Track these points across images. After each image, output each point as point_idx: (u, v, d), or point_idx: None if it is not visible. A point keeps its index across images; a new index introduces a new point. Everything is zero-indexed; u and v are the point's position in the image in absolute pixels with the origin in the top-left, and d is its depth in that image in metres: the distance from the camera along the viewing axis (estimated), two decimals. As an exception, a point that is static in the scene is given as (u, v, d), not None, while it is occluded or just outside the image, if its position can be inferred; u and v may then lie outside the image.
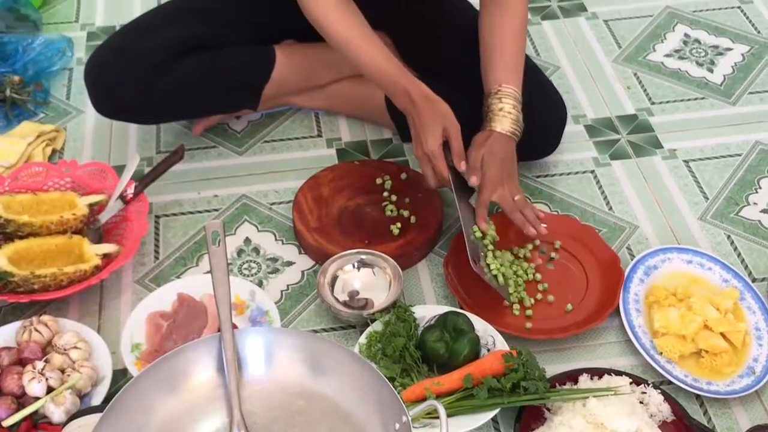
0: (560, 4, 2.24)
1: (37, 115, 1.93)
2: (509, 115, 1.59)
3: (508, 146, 1.59)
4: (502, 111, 1.59)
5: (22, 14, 2.05)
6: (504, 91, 1.60)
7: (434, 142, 1.53)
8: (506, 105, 1.59)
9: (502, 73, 1.61)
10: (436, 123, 1.54)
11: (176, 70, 1.69)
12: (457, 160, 1.55)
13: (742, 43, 2.12)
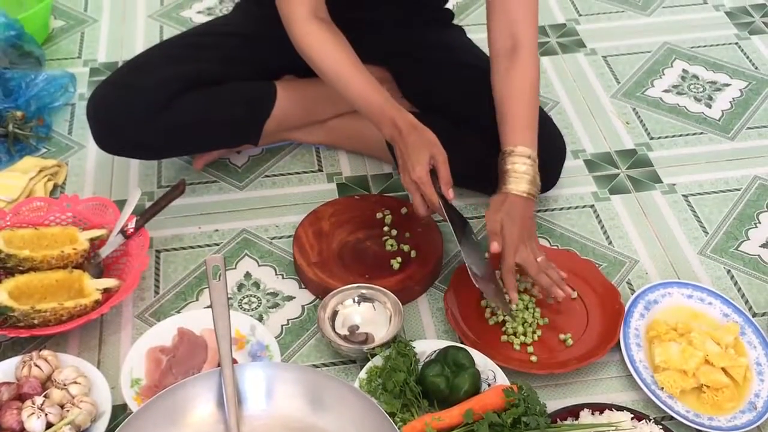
0: (559, 40, 2.26)
1: (39, 150, 1.94)
2: (525, 176, 1.58)
3: (527, 207, 1.58)
4: (516, 172, 1.58)
5: (26, 50, 2.07)
6: (518, 151, 1.59)
7: (421, 168, 1.53)
8: (521, 166, 1.58)
9: (515, 133, 1.61)
10: (422, 150, 1.54)
11: (177, 107, 1.70)
12: (445, 188, 1.56)
13: (739, 79, 2.13)
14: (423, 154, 1.54)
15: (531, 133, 1.62)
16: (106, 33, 2.29)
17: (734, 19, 2.31)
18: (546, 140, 1.73)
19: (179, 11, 2.36)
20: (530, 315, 1.58)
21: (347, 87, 1.62)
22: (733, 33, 2.27)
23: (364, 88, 1.61)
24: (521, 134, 1.61)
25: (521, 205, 1.57)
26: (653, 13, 2.34)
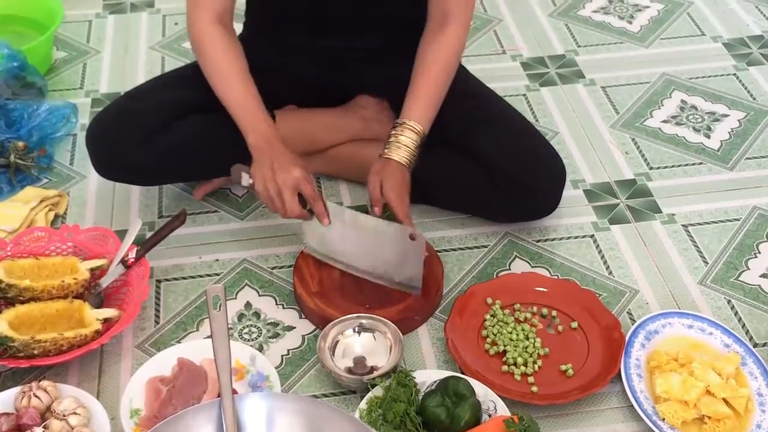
0: (558, 71, 2.27)
1: (41, 180, 1.95)
2: (407, 147, 1.65)
3: (405, 173, 1.65)
4: (400, 143, 1.66)
5: (28, 81, 2.08)
6: (408, 124, 1.66)
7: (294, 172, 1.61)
8: (406, 138, 1.65)
9: (411, 106, 1.68)
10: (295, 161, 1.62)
11: (175, 130, 1.72)
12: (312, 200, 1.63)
13: (738, 110, 2.15)
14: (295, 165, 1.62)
15: (428, 109, 1.69)
16: (108, 64, 2.30)
17: (732, 50, 2.33)
18: (545, 165, 1.74)
19: (181, 43, 2.38)
20: (531, 345, 1.58)
21: (230, 93, 1.67)
22: (731, 64, 2.28)
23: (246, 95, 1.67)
24: (417, 109, 1.68)
25: (400, 170, 1.64)
26: (651, 45, 2.36)
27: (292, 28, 1.78)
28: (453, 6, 1.68)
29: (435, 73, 1.69)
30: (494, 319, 1.62)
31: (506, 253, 1.79)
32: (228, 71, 1.68)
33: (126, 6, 2.51)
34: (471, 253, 1.79)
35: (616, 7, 2.50)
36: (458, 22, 1.69)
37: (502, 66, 2.29)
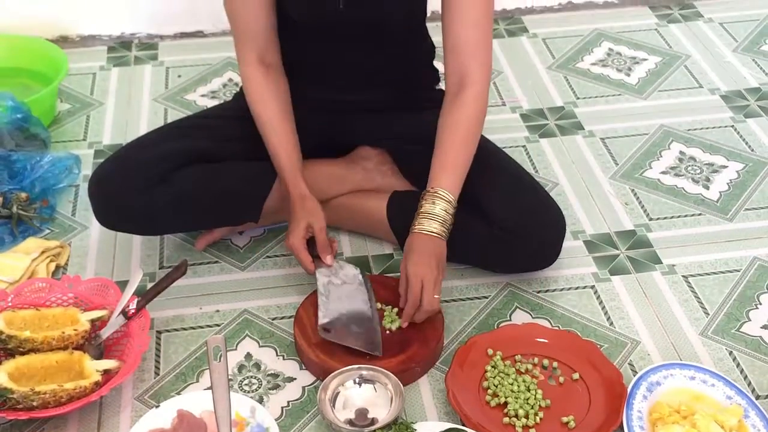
0: (557, 123, 2.29)
1: (43, 231, 1.96)
2: (437, 217, 1.64)
3: (436, 244, 1.64)
4: (429, 213, 1.64)
5: (32, 133, 2.10)
6: (437, 192, 1.65)
7: (293, 237, 1.69)
8: (434, 207, 1.64)
9: (440, 174, 1.67)
10: (300, 221, 1.69)
11: (176, 180, 1.73)
12: (322, 254, 1.70)
13: (736, 161, 2.16)
14: (300, 224, 1.69)
15: (455, 175, 1.67)
16: (111, 116, 2.32)
17: (729, 102, 2.35)
18: (545, 216, 1.75)
19: (183, 94, 2.40)
20: (532, 397, 1.57)
21: (267, 139, 1.75)
22: (728, 116, 2.30)
23: (278, 147, 1.74)
24: (445, 176, 1.67)
25: (430, 243, 1.63)
26: (649, 97, 2.38)
27: (294, 80, 1.80)
28: (470, 69, 1.68)
29: (459, 139, 1.68)
30: (495, 370, 1.61)
31: (507, 303, 1.79)
32: (271, 123, 1.75)
33: (130, 59, 2.54)
34: (472, 304, 1.79)
35: (614, 59, 2.52)
36: (477, 85, 1.69)
37: (502, 118, 2.31)
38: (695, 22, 2.67)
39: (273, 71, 1.77)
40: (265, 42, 1.74)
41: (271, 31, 1.74)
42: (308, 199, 1.72)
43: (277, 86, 1.77)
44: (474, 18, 1.67)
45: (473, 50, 1.68)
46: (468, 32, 1.67)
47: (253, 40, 1.74)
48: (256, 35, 1.73)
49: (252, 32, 1.73)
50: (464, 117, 1.68)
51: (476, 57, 1.68)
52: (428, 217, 1.64)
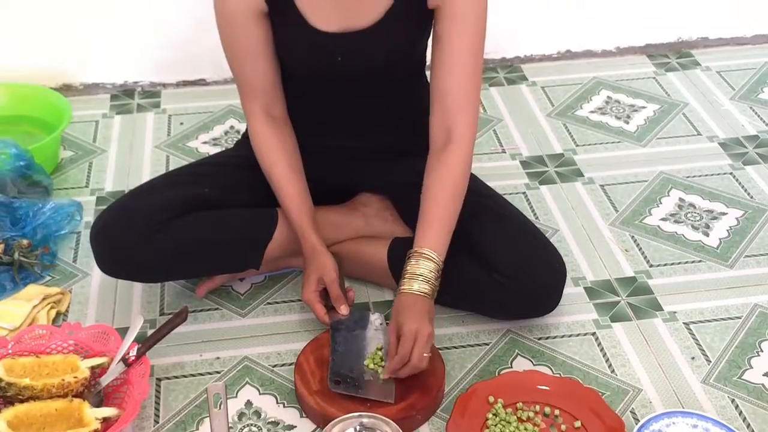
0: (557, 170, 2.30)
1: (44, 277, 1.96)
2: (420, 277, 1.63)
3: (420, 301, 1.63)
4: (413, 274, 1.64)
5: (35, 180, 2.11)
6: (421, 252, 1.64)
7: (306, 290, 1.72)
8: (418, 268, 1.64)
9: (423, 233, 1.66)
10: (312, 274, 1.72)
11: (177, 227, 1.73)
12: (337, 305, 1.72)
13: (735, 208, 2.17)
14: (312, 277, 1.72)
15: (441, 233, 1.67)
16: (113, 163, 2.34)
17: (728, 149, 2.36)
18: (546, 263, 1.75)
19: (185, 141, 2.42)
20: (533, 444, 1.56)
21: (278, 193, 1.77)
22: (727, 163, 2.32)
23: (289, 201, 1.76)
24: (429, 235, 1.66)
25: (414, 300, 1.63)
26: (648, 144, 2.40)
27: (294, 127, 1.81)
28: (457, 124, 1.68)
29: (444, 198, 1.68)
30: (497, 418, 1.60)
31: (508, 350, 1.79)
32: (280, 177, 1.77)
33: (133, 106, 2.56)
34: (472, 351, 1.78)
35: (612, 107, 2.55)
36: (463, 141, 1.69)
37: (502, 165, 2.32)
38: (693, 70, 2.70)
39: (280, 124, 1.78)
40: (271, 95, 1.76)
41: (276, 85, 1.76)
42: (319, 252, 1.73)
43: (285, 140, 1.78)
44: (463, 67, 1.67)
45: (461, 103, 1.68)
46: (456, 81, 1.67)
47: (260, 95, 1.75)
48: (262, 89, 1.75)
49: (258, 87, 1.75)
50: (450, 176, 1.68)
51: (464, 111, 1.68)
52: (415, 277, 1.63)
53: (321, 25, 1.66)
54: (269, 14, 1.68)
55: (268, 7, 1.66)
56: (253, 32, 1.69)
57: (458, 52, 1.66)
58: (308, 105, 1.80)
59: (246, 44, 1.70)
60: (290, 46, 1.70)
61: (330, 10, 1.65)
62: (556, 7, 2.66)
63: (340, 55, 1.68)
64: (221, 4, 1.69)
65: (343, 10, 1.65)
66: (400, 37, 1.70)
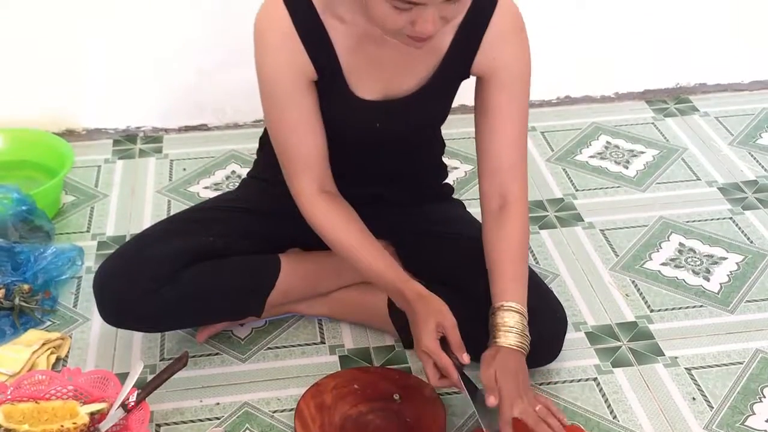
0: (557, 215, 2.31)
1: (44, 322, 1.96)
2: (513, 329, 1.61)
3: (518, 359, 1.60)
4: (506, 326, 1.61)
5: (36, 225, 2.11)
6: (507, 306, 1.63)
7: (428, 339, 1.56)
8: (509, 320, 1.62)
9: (503, 289, 1.65)
10: (429, 320, 1.57)
11: (181, 280, 1.73)
12: (459, 353, 1.57)
13: (736, 253, 2.17)
14: (429, 324, 1.57)
15: (519, 287, 1.65)
16: (115, 208, 2.34)
17: (727, 194, 2.37)
18: (547, 311, 1.75)
19: (187, 186, 2.43)
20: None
21: (357, 260, 1.68)
22: (726, 208, 2.32)
23: (373, 261, 1.66)
24: (510, 289, 1.64)
25: (513, 357, 1.59)
26: (648, 189, 2.41)
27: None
28: (509, 187, 1.69)
29: (514, 253, 1.67)
30: (498, 464, 1.59)
31: (509, 396, 1.78)
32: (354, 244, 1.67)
33: (135, 152, 2.57)
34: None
35: (612, 152, 2.56)
36: (519, 201, 1.70)
37: (502, 209, 2.32)
38: (691, 116, 2.72)
39: (335, 198, 1.70)
40: (323, 169, 1.68)
41: (326, 157, 1.68)
42: (429, 296, 1.62)
43: (346, 212, 1.70)
44: (511, 138, 1.68)
45: (512, 169, 1.69)
46: (507, 153, 1.68)
47: (311, 169, 1.66)
48: (313, 163, 1.66)
49: (309, 161, 1.65)
50: (514, 232, 1.68)
51: (516, 176, 1.70)
52: (511, 329, 1.60)
53: (363, 93, 1.65)
54: (317, 82, 1.63)
55: (318, 74, 1.61)
56: (304, 102, 1.61)
57: (507, 121, 1.67)
58: None
59: (297, 113, 1.62)
60: (332, 114, 1.66)
61: (374, 79, 1.64)
62: (555, 53, 2.68)
63: (379, 121, 1.67)
64: (266, 70, 1.60)
65: (385, 80, 1.64)
66: (439, 105, 1.71)
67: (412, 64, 1.64)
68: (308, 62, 1.59)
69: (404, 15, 1.40)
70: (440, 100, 1.72)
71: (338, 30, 1.59)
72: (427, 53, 1.62)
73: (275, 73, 1.60)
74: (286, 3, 1.57)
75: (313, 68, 1.60)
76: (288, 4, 1.57)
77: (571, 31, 2.67)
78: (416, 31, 1.42)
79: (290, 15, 1.56)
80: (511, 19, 1.64)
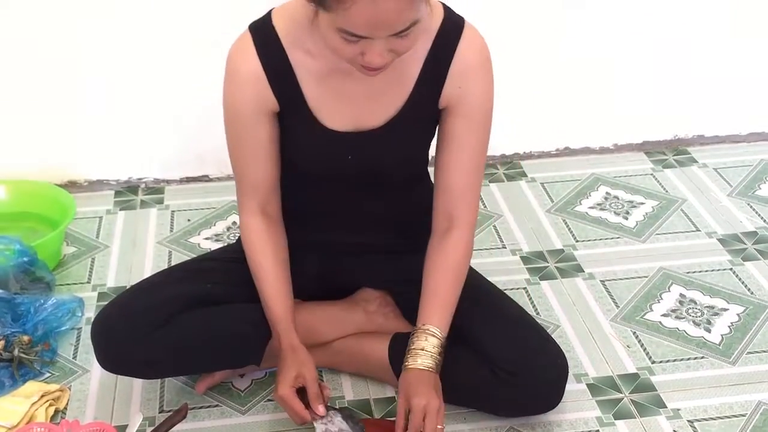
0: (557, 265, 2.31)
1: (43, 374, 1.95)
2: (426, 353, 1.66)
3: (428, 378, 1.64)
4: (420, 349, 1.66)
5: (37, 276, 2.12)
6: (428, 329, 1.67)
7: (283, 386, 1.66)
8: (426, 344, 1.66)
9: (427, 312, 1.70)
10: (290, 370, 1.68)
11: (178, 324, 1.73)
12: (314, 404, 1.66)
13: (736, 304, 2.17)
14: (289, 373, 1.67)
15: (443, 312, 1.70)
16: (116, 259, 2.35)
17: (727, 245, 2.38)
18: (548, 360, 1.74)
19: (188, 237, 2.43)
20: None
21: (260, 288, 1.77)
22: (726, 259, 2.32)
23: (272, 295, 1.75)
24: (433, 313, 1.69)
25: (426, 375, 1.64)
26: (648, 240, 2.41)
27: (296, 223, 1.83)
28: (457, 210, 1.72)
29: (446, 278, 1.71)
30: None
31: (510, 449, 1.77)
32: (264, 274, 1.76)
33: (136, 203, 2.58)
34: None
35: (611, 203, 2.57)
36: (463, 225, 1.73)
37: (503, 260, 2.33)
38: (690, 167, 2.74)
39: (273, 222, 1.79)
40: (269, 194, 1.77)
41: (275, 184, 1.77)
42: (300, 349, 1.72)
43: (276, 238, 1.79)
44: (467, 166, 1.71)
45: (462, 193, 1.73)
46: (460, 176, 1.72)
47: (257, 192, 1.76)
48: (260, 187, 1.75)
49: (258, 185, 1.75)
50: (452, 259, 1.72)
51: (464, 199, 1.73)
52: (419, 353, 1.66)
53: (333, 125, 1.68)
54: (279, 113, 1.70)
55: (280, 106, 1.68)
56: (261, 131, 1.69)
57: (465, 149, 1.70)
58: (310, 201, 1.82)
59: (252, 142, 1.70)
60: (301, 146, 1.72)
61: (342, 110, 1.67)
62: (555, 104, 2.71)
63: (351, 154, 1.70)
64: (231, 100, 1.69)
65: (355, 110, 1.67)
66: (412, 137, 1.73)
67: (380, 97, 1.67)
68: (272, 97, 1.66)
69: (354, 46, 1.45)
70: (413, 133, 1.73)
71: (305, 63, 1.64)
72: (395, 85, 1.66)
73: (238, 105, 1.68)
74: (255, 39, 1.64)
75: (276, 102, 1.67)
76: (256, 40, 1.64)
77: (570, 83, 2.69)
78: (366, 61, 1.47)
79: (257, 51, 1.63)
80: (478, 51, 1.67)
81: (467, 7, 1.73)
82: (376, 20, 1.39)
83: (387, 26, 1.41)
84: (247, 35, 1.65)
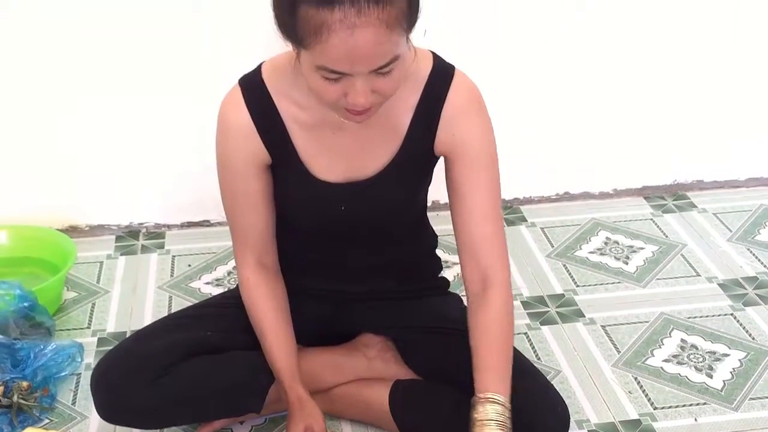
0: (558, 310, 2.31)
1: (42, 420, 1.94)
2: (493, 422, 1.57)
3: None
4: (488, 419, 1.57)
5: (37, 321, 2.11)
6: (489, 397, 1.59)
7: None
8: (492, 413, 1.58)
9: (485, 379, 1.61)
10: (299, 423, 1.69)
11: (178, 373, 1.72)
12: None
13: (738, 349, 2.16)
14: (298, 426, 1.69)
15: (502, 377, 1.61)
16: (116, 304, 2.34)
17: (728, 291, 2.37)
18: (549, 407, 1.73)
19: (188, 282, 2.43)
20: None
21: (263, 342, 1.76)
22: (727, 304, 2.32)
23: (276, 349, 1.75)
24: (493, 380, 1.60)
25: None
26: (648, 285, 2.41)
27: (295, 273, 1.83)
28: (490, 267, 1.67)
29: (497, 340, 1.64)
30: None
31: (512, 497, 1.75)
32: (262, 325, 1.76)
33: (137, 247, 2.59)
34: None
35: (611, 248, 2.57)
36: (500, 282, 1.67)
37: (503, 305, 2.32)
38: (689, 212, 2.75)
39: (271, 273, 1.78)
40: (265, 245, 1.76)
41: (270, 235, 1.77)
42: (307, 401, 1.71)
43: (275, 289, 1.78)
44: (483, 212, 1.68)
45: (489, 247, 1.68)
46: (480, 228, 1.67)
47: (253, 244, 1.75)
48: (256, 239, 1.75)
49: (253, 236, 1.75)
50: (497, 318, 1.65)
51: (493, 253, 1.68)
52: (487, 423, 1.56)
53: (324, 176, 1.68)
54: (271, 166, 1.70)
55: (272, 158, 1.68)
56: (254, 183, 1.70)
57: (478, 198, 1.67)
58: (308, 251, 1.81)
59: (246, 194, 1.70)
60: (293, 198, 1.72)
61: (334, 162, 1.67)
62: (554, 149, 2.72)
63: (344, 205, 1.70)
64: (223, 154, 1.70)
65: (346, 163, 1.67)
66: (404, 186, 1.72)
67: (372, 148, 1.67)
68: (263, 149, 1.66)
69: (336, 86, 1.44)
70: (407, 182, 1.72)
71: (294, 115, 1.64)
72: (386, 136, 1.66)
73: (229, 157, 1.69)
74: (245, 92, 1.65)
75: (267, 154, 1.67)
76: (246, 93, 1.65)
77: (569, 127, 2.71)
78: (349, 103, 1.46)
79: (247, 104, 1.64)
80: (467, 95, 1.66)
81: (460, 55, 1.75)
82: (354, 53, 1.37)
83: (366, 59, 1.39)
84: (237, 89, 1.66)
